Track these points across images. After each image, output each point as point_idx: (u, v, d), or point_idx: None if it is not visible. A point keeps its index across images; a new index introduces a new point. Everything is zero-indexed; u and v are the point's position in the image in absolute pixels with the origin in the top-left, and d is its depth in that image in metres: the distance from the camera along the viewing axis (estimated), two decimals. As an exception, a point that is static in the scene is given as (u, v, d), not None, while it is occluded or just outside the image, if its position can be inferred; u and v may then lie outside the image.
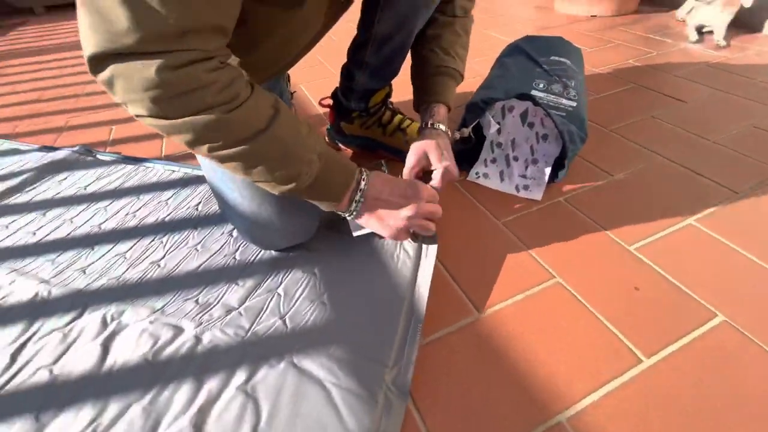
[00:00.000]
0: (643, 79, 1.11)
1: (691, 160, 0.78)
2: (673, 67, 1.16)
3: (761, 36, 1.33)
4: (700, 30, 1.33)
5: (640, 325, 0.50)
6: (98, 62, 0.35)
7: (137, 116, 0.38)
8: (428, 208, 0.53)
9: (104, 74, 0.35)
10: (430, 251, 0.59)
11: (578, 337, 0.49)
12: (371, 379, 0.45)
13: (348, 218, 0.53)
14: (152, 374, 0.47)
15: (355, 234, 0.57)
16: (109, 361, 0.50)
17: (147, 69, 0.34)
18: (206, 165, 0.61)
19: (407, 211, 0.51)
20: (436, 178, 0.59)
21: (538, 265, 0.59)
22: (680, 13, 1.47)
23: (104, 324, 0.54)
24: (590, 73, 1.15)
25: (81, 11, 0.33)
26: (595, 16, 1.61)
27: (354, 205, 0.50)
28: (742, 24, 1.35)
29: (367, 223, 0.53)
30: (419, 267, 0.57)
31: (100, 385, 0.47)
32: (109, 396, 0.46)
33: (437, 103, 0.65)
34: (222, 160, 0.42)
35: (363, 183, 0.50)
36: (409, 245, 0.61)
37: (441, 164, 0.59)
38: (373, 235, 0.57)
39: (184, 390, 0.45)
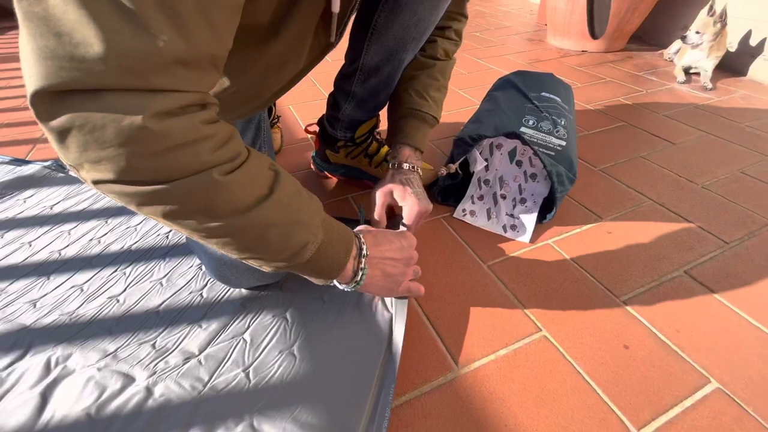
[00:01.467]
0: (633, 117, 1.11)
1: (679, 205, 0.77)
2: (661, 106, 1.17)
3: (745, 79, 1.36)
4: (687, 71, 1.35)
5: (630, 390, 0.47)
6: (50, 102, 0.25)
7: (97, 182, 0.28)
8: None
9: (58, 121, 0.25)
10: (401, 304, 0.55)
11: (563, 402, 0.46)
12: (337, 447, 0.41)
13: (347, 290, 0.46)
14: (92, 433, 0.42)
15: None
16: (46, 415, 0.44)
17: (130, 116, 0.25)
18: None
19: (407, 268, 0.49)
20: (406, 214, 0.58)
21: (524, 316, 0.56)
22: (668, 52, 1.50)
23: (47, 369, 0.49)
24: (581, 109, 1.16)
25: (25, 31, 0.24)
26: (586, 51, 1.64)
27: (360, 273, 0.44)
28: (727, 67, 1.38)
29: (370, 289, 0.48)
30: (395, 319, 0.53)
31: (32, 444, 0.42)
32: (40, 458, 0.41)
33: (404, 144, 0.64)
34: (213, 235, 0.34)
35: (364, 247, 0.45)
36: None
37: (406, 199, 0.57)
38: None
39: (126, 455, 0.40)
